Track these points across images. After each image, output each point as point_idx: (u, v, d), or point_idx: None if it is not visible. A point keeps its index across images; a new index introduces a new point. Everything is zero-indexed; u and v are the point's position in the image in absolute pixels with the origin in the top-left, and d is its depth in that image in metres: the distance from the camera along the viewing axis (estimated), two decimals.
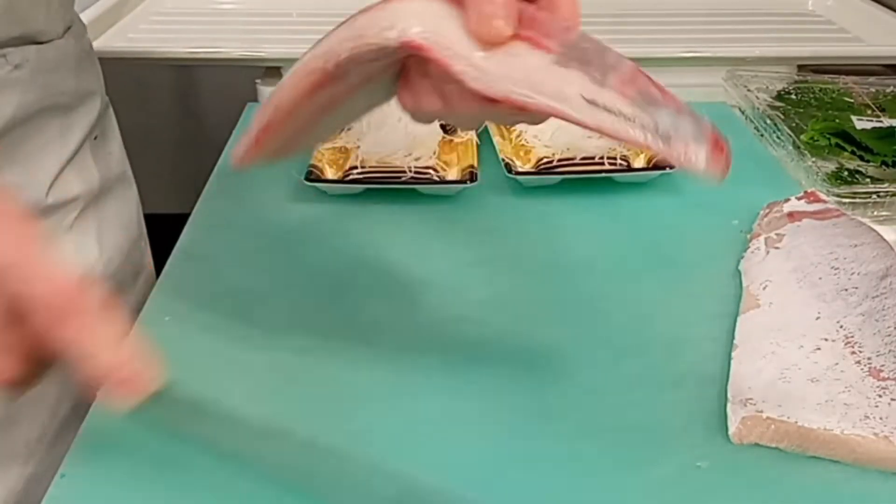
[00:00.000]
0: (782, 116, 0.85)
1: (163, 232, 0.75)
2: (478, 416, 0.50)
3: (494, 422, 0.49)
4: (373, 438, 0.48)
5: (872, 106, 0.88)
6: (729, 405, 0.49)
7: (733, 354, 0.53)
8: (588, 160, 0.76)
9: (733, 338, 0.55)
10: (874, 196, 0.72)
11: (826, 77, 0.95)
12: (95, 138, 0.71)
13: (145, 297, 0.74)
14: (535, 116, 0.43)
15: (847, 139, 0.79)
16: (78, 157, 0.68)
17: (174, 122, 1.68)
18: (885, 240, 0.61)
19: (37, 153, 0.63)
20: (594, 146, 0.77)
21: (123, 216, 0.74)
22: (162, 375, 0.42)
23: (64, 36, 0.67)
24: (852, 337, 0.53)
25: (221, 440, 0.47)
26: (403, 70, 0.46)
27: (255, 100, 0.96)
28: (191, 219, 0.71)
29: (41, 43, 0.64)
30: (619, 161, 0.76)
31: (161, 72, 1.60)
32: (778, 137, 0.82)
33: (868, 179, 0.74)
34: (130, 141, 0.78)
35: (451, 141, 0.81)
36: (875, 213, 0.72)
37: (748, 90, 0.91)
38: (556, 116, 0.41)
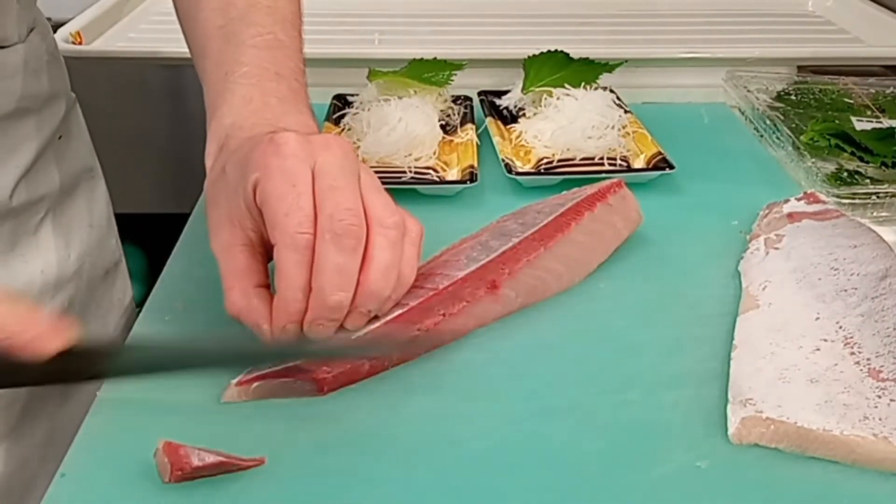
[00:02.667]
0: (782, 117, 0.85)
1: (163, 232, 0.75)
2: (477, 415, 0.50)
3: (494, 421, 0.49)
4: (371, 434, 0.48)
5: (872, 107, 0.88)
6: (729, 405, 0.49)
7: (733, 355, 0.53)
8: (588, 160, 0.77)
9: (733, 338, 0.55)
10: (874, 197, 0.72)
11: (826, 78, 0.95)
12: (60, 138, 0.69)
13: (121, 293, 0.74)
14: None
15: (847, 140, 0.79)
16: (42, 158, 0.66)
17: (174, 122, 1.68)
18: (884, 241, 0.61)
19: (1, 157, 0.62)
20: (594, 146, 0.77)
21: (92, 214, 0.73)
22: (70, 332, 0.44)
23: (27, 38, 0.65)
24: (852, 338, 0.53)
25: (222, 439, 0.47)
26: None
27: None
28: (191, 219, 0.71)
29: (4, 47, 0.62)
30: (619, 161, 0.76)
31: (161, 72, 1.60)
32: (778, 138, 0.83)
33: (867, 180, 0.74)
34: (130, 141, 0.78)
35: (451, 141, 0.81)
36: (874, 213, 0.72)
37: (748, 91, 0.91)
38: None
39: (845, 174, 0.75)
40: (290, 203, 0.48)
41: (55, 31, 0.77)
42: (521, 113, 0.85)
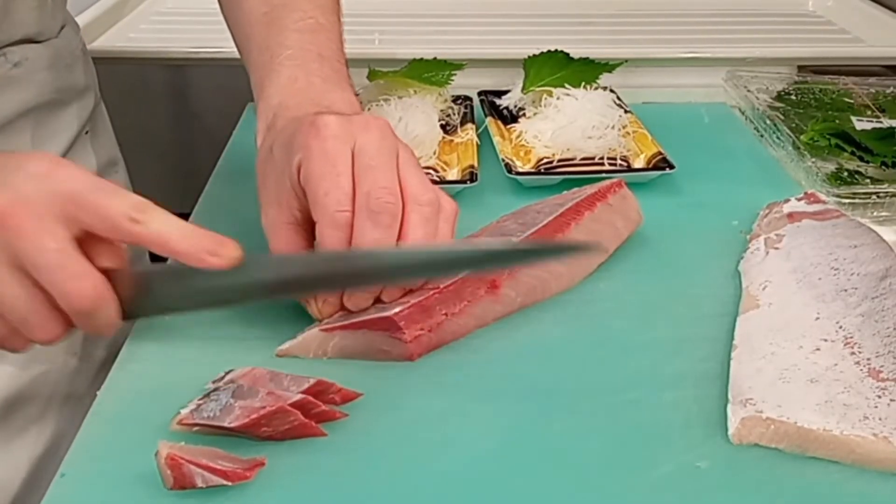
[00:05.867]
0: (782, 117, 0.85)
1: None
2: (477, 415, 0.50)
3: (494, 421, 0.49)
4: (371, 435, 0.48)
5: (872, 106, 0.88)
6: (729, 405, 0.49)
7: (733, 355, 0.53)
8: (588, 160, 0.77)
9: (733, 338, 0.55)
10: (874, 196, 0.72)
11: (826, 78, 0.95)
12: (87, 133, 0.73)
13: None
14: None
15: (847, 140, 0.79)
16: (73, 150, 0.70)
17: (174, 122, 1.68)
18: (884, 241, 0.61)
19: (35, 148, 0.65)
20: (594, 146, 0.77)
21: None
22: (238, 248, 0.48)
23: (59, 34, 0.69)
24: (852, 337, 0.53)
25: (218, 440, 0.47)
26: None
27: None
28: (191, 219, 0.71)
29: (38, 42, 0.66)
30: (619, 161, 0.76)
31: (161, 72, 1.60)
32: (778, 138, 0.83)
33: (868, 180, 0.74)
34: (131, 141, 0.79)
35: (452, 141, 0.81)
36: (875, 213, 0.72)
37: (748, 91, 0.91)
38: None
39: (845, 174, 0.75)
40: (330, 183, 0.51)
41: None
42: (521, 113, 0.85)
